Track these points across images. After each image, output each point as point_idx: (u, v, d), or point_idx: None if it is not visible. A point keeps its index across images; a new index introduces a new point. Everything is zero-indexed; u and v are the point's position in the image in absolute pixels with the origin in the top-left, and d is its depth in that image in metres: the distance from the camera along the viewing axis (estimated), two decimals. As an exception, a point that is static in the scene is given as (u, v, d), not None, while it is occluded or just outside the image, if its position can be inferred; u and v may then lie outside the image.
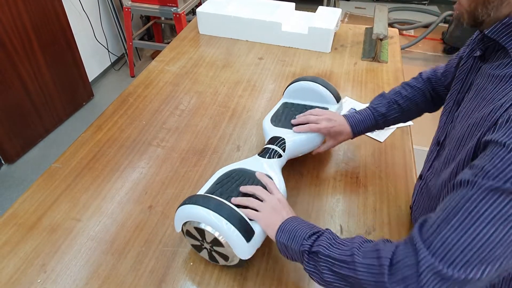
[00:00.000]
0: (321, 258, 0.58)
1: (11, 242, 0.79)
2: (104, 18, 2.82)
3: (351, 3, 4.26)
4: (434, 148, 0.73)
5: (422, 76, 0.91)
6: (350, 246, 0.57)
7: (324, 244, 0.59)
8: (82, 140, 1.05)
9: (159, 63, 1.42)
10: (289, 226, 0.66)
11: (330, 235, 0.62)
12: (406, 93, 0.90)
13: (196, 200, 0.69)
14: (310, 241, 0.61)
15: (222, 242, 0.67)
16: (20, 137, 2.15)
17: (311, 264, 0.61)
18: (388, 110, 0.90)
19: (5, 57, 1.95)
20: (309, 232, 0.63)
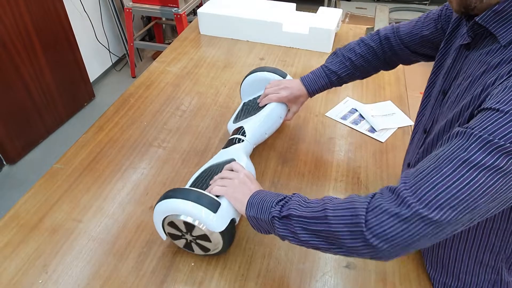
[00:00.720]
0: (293, 219, 0.59)
1: (13, 243, 0.79)
2: (105, 19, 2.82)
3: (352, 3, 4.26)
4: (421, 136, 0.75)
5: (380, 34, 0.92)
6: (322, 203, 0.58)
7: (294, 207, 0.60)
8: (83, 141, 1.05)
9: (160, 64, 1.42)
10: (256, 198, 0.67)
11: (299, 197, 0.63)
12: (360, 50, 0.92)
13: (160, 199, 0.71)
14: (278, 207, 0.62)
15: (192, 223, 0.68)
16: (21, 138, 2.16)
17: (284, 228, 0.61)
18: (340, 68, 0.94)
19: (6, 58, 1.95)
20: (276, 199, 0.64)
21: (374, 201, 0.53)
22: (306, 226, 0.58)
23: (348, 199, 0.57)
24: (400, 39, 0.89)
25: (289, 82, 0.98)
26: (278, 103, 0.97)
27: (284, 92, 0.96)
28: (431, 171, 0.50)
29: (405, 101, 1.25)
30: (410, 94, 1.31)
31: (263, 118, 0.94)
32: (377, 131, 1.11)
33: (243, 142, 0.88)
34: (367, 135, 1.10)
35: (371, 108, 1.20)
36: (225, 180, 0.73)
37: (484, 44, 0.59)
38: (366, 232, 0.51)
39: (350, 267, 0.76)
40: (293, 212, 0.60)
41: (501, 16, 0.54)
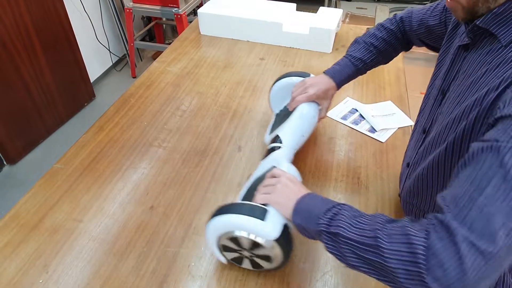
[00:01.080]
0: (342, 240, 0.54)
1: (13, 243, 0.79)
2: (105, 19, 2.82)
3: (352, 4, 4.26)
4: (420, 136, 0.75)
5: (396, 17, 0.94)
6: (372, 227, 0.52)
7: (343, 225, 0.55)
8: (84, 141, 1.06)
9: (161, 64, 1.42)
10: (303, 204, 0.62)
11: (348, 212, 0.57)
12: (381, 35, 0.93)
13: (212, 217, 0.68)
14: (327, 219, 0.57)
15: (242, 235, 0.65)
16: (21, 138, 2.16)
17: (331, 245, 0.56)
18: (365, 54, 0.93)
19: (7, 58, 1.95)
20: (323, 208, 0.59)
21: (432, 239, 0.46)
22: (356, 251, 0.53)
23: (401, 227, 0.50)
24: (410, 25, 0.90)
25: (313, 79, 0.94)
26: (307, 102, 0.93)
27: (311, 90, 0.92)
28: (472, 195, 0.46)
29: (405, 101, 1.25)
30: (410, 94, 1.31)
31: (296, 121, 0.91)
32: (377, 131, 1.11)
33: (280, 149, 0.86)
34: (367, 135, 1.10)
35: (371, 108, 1.20)
36: (268, 187, 0.69)
37: (483, 44, 0.59)
38: (426, 276, 0.45)
39: (351, 267, 0.76)
40: (342, 232, 0.54)
41: (502, 18, 0.54)
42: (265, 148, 1.05)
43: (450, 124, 0.61)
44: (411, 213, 0.79)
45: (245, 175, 0.97)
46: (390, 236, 0.50)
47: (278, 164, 0.80)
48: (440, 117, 0.66)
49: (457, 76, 0.66)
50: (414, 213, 0.78)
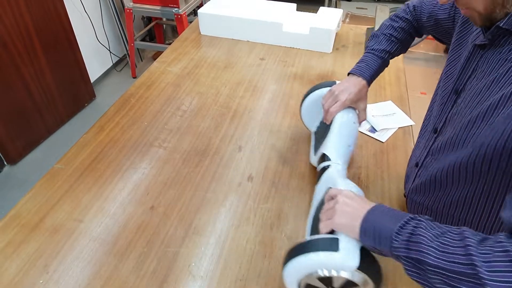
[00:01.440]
0: (428, 268, 0.48)
1: (14, 243, 0.79)
2: (105, 19, 2.82)
3: (352, 4, 4.26)
4: (431, 136, 0.74)
5: (409, 6, 0.93)
6: (464, 250, 0.45)
7: (427, 249, 0.48)
8: (84, 141, 1.06)
9: (161, 64, 1.42)
10: (370, 224, 0.56)
11: (427, 229, 0.50)
12: (398, 25, 0.93)
13: (285, 261, 0.63)
14: (403, 242, 0.50)
15: (322, 275, 0.59)
16: (22, 138, 2.16)
17: (415, 272, 0.50)
18: (388, 45, 0.93)
19: (7, 58, 1.95)
20: (395, 226, 0.52)
21: None
22: (448, 281, 0.46)
23: (503, 251, 0.43)
24: (421, 15, 0.89)
25: (340, 85, 0.90)
26: (343, 110, 0.89)
27: (343, 96, 0.87)
28: None
29: (406, 101, 1.25)
30: (410, 94, 1.31)
31: (337, 133, 0.86)
32: (377, 131, 1.11)
33: (331, 167, 0.81)
34: (368, 135, 1.10)
35: (371, 108, 1.20)
36: (328, 211, 0.63)
37: (502, 43, 0.58)
38: None
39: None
40: (427, 259, 0.47)
41: None
42: (266, 148, 1.05)
43: (471, 124, 0.59)
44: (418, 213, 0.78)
45: (245, 175, 0.97)
46: (491, 264, 0.43)
47: (334, 184, 0.74)
48: (457, 117, 0.65)
49: (473, 75, 0.64)
50: (422, 213, 0.76)
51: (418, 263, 0.49)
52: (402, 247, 0.51)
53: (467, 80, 0.66)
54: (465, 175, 0.62)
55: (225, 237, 0.82)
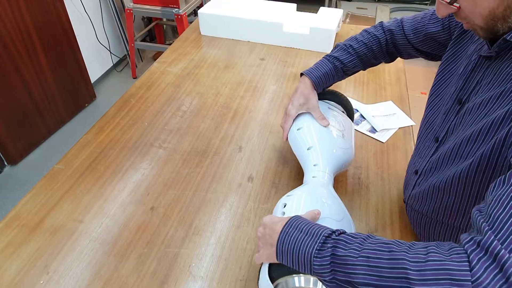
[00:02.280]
0: (359, 287, 0.47)
1: (14, 243, 0.79)
2: (106, 20, 2.82)
3: (353, 4, 4.26)
4: (432, 144, 0.73)
5: (383, 25, 0.91)
6: (396, 264, 0.45)
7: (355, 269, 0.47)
8: (85, 142, 1.06)
9: (161, 65, 1.42)
10: (285, 246, 0.54)
11: (349, 243, 0.49)
12: (362, 38, 0.91)
13: None
14: (325, 267, 0.49)
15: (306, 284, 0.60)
16: (22, 139, 2.16)
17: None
18: (342, 55, 0.90)
19: (7, 59, 1.95)
20: (313, 245, 0.51)
21: (479, 272, 0.41)
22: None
23: (434, 261, 0.43)
24: (405, 34, 0.87)
25: (292, 96, 0.91)
26: (296, 120, 0.89)
27: (291, 109, 0.88)
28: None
29: (406, 101, 1.24)
30: (411, 94, 1.31)
31: (297, 148, 0.86)
32: (378, 132, 1.11)
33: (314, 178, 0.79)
34: (368, 135, 1.10)
35: (372, 108, 1.20)
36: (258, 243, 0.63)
37: (510, 55, 0.57)
38: None
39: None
40: (357, 279, 0.46)
41: None
42: (266, 148, 1.05)
43: (475, 136, 0.59)
44: (418, 220, 0.78)
45: (245, 176, 0.97)
46: (424, 274, 0.43)
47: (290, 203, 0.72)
48: (461, 128, 0.64)
49: (478, 86, 0.63)
50: (421, 221, 0.76)
51: (348, 284, 0.48)
52: (326, 271, 0.49)
53: (472, 90, 0.64)
54: (464, 185, 0.61)
55: (225, 238, 0.82)
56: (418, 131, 0.82)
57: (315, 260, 0.50)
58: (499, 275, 0.40)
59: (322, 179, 0.78)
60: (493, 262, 0.41)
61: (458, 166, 0.62)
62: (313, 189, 0.74)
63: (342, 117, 0.92)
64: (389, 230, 0.84)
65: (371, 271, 0.46)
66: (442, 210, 0.68)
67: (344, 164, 0.86)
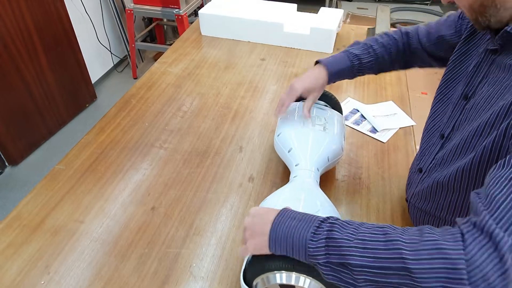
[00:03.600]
0: (354, 269, 0.47)
1: (15, 244, 0.79)
2: (106, 20, 2.83)
3: (353, 4, 4.26)
4: (437, 141, 0.73)
5: (401, 29, 0.91)
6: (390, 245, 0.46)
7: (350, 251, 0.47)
8: (85, 142, 1.06)
9: (162, 65, 1.42)
10: (279, 233, 0.54)
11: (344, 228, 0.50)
12: (382, 40, 0.90)
13: None
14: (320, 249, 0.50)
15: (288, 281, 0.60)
16: (23, 139, 2.16)
17: (336, 276, 0.50)
18: (362, 52, 0.88)
19: (8, 59, 1.95)
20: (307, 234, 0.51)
21: (473, 250, 0.42)
22: (375, 278, 0.46)
23: (428, 240, 0.44)
24: (419, 38, 0.87)
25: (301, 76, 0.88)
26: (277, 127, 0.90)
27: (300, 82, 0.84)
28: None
29: (407, 101, 1.24)
30: (411, 94, 1.31)
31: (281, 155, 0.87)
32: (378, 132, 1.11)
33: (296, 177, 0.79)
34: (369, 135, 1.10)
35: (372, 108, 1.20)
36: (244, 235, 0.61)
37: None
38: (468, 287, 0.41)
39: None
40: (352, 261, 0.47)
41: None
42: (266, 148, 1.05)
43: (480, 130, 0.59)
44: (420, 219, 0.77)
45: (246, 176, 0.97)
46: (419, 253, 0.44)
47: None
48: (467, 123, 0.64)
49: (484, 80, 0.63)
50: (424, 219, 0.76)
51: (342, 266, 0.48)
52: (320, 253, 0.50)
53: (478, 85, 0.65)
54: (468, 180, 0.61)
55: (226, 238, 0.82)
56: (423, 131, 0.82)
57: (310, 243, 0.51)
58: (493, 253, 0.41)
59: (304, 178, 0.78)
60: (488, 241, 0.41)
61: (461, 161, 0.62)
62: (280, 191, 0.74)
63: (324, 111, 0.92)
64: (390, 230, 0.84)
65: (367, 253, 0.47)
66: (446, 207, 0.68)
67: (331, 157, 0.85)
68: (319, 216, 0.54)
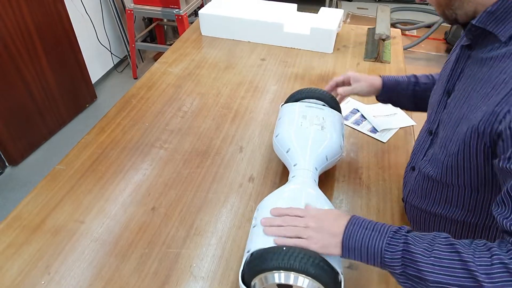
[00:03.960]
0: (430, 285, 0.51)
1: (15, 244, 0.79)
2: (106, 21, 2.83)
3: (353, 4, 4.26)
4: (427, 138, 0.75)
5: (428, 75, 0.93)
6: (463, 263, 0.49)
7: (425, 267, 0.51)
8: (85, 142, 1.06)
9: (162, 65, 1.42)
10: (353, 242, 0.57)
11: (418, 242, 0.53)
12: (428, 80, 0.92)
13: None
14: (396, 260, 0.53)
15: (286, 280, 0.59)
16: (23, 139, 2.16)
17: (410, 284, 0.54)
18: (420, 75, 0.91)
19: (8, 59, 1.96)
20: (382, 245, 0.55)
21: None
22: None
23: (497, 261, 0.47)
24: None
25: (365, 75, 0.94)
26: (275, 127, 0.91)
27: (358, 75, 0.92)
28: None
29: (407, 101, 1.24)
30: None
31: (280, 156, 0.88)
32: (378, 132, 1.11)
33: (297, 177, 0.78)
34: (369, 135, 1.10)
35: (372, 108, 1.20)
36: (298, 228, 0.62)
37: (485, 42, 0.61)
38: None
39: (353, 267, 0.76)
40: (428, 277, 0.50)
41: (496, 16, 0.56)
42: (267, 148, 1.05)
43: (458, 122, 0.61)
44: (417, 218, 0.78)
45: (246, 176, 0.97)
46: (491, 276, 0.47)
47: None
48: (447, 118, 0.66)
49: (462, 75, 0.66)
50: (420, 218, 0.77)
51: (418, 279, 0.52)
52: (396, 264, 0.53)
53: (457, 80, 0.67)
54: (457, 172, 0.63)
55: (226, 238, 0.82)
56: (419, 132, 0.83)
57: (386, 253, 0.54)
58: None
59: (303, 177, 0.78)
60: None
61: (448, 155, 0.64)
62: (280, 190, 0.75)
63: (322, 110, 0.92)
64: (390, 230, 0.84)
65: (443, 271, 0.50)
66: (442, 202, 0.70)
67: (329, 156, 0.85)
68: (389, 225, 0.57)
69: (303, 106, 0.93)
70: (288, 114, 0.92)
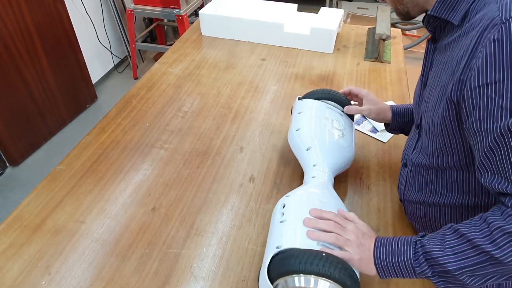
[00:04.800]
0: (455, 274, 0.55)
1: (16, 244, 0.80)
2: (107, 21, 2.83)
3: (354, 4, 4.26)
4: (415, 133, 0.77)
5: None
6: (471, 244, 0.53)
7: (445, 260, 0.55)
8: (86, 142, 1.06)
9: (162, 65, 1.42)
10: (384, 262, 0.61)
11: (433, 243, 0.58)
12: None
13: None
14: (424, 266, 0.58)
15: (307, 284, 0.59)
16: (24, 140, 2.17)
17: (444, 281, 0.58)
18: None
19: (9, 60, 1.96)
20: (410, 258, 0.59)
21: None
22: (474, 273, 0.54)
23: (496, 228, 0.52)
24: None
25: None
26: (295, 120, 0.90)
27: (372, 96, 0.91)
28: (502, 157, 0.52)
29: (407, 101, 1.24)
30: (412, 94, 1.30)
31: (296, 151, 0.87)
32: (379, 132, 1.11)
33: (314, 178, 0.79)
34: (369, 135, 1.10)
35: (373, 108, 1.20)
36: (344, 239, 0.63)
37: (445, 32, 0.65)
38: None
39: (353, 268, 0.76)
40: (451, 267, 0.55)
41: (447, 4, 0.61)
42: (267, 148, 1.05)
43: (435, 105, 0.64)
44: (416, 213, 0.78)
45: (247, 176, 0.97)
46: (495, 243, 0.51)
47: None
48: (425, 106, 0.69)
49: (432, 66, 0.70)
50: (419, 212, 0.77)
51: (446, 273, 0.56)
52: (425, 270, 0.58)
53: (429, 72, 0.71)
54: (444, 156, 0.66)
55: (226, 238, 0.82)
56: None
57: (415, 264, 0.59)
58: None
59: (322, 179, 0.78)
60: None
61: (433, 141, 0.67)
62: (311, 190, 0.75)
63: (342, 117, 0.92)
64: (391, 229, 0.84)
65: (458, 257, 0.54)
66: (434, 190, 0.72)
67: (344, 164, 0.86)
68: (409, 236, 0.61)
69: (324, 106, 0.92)
70: (310, 111, 0.91)
